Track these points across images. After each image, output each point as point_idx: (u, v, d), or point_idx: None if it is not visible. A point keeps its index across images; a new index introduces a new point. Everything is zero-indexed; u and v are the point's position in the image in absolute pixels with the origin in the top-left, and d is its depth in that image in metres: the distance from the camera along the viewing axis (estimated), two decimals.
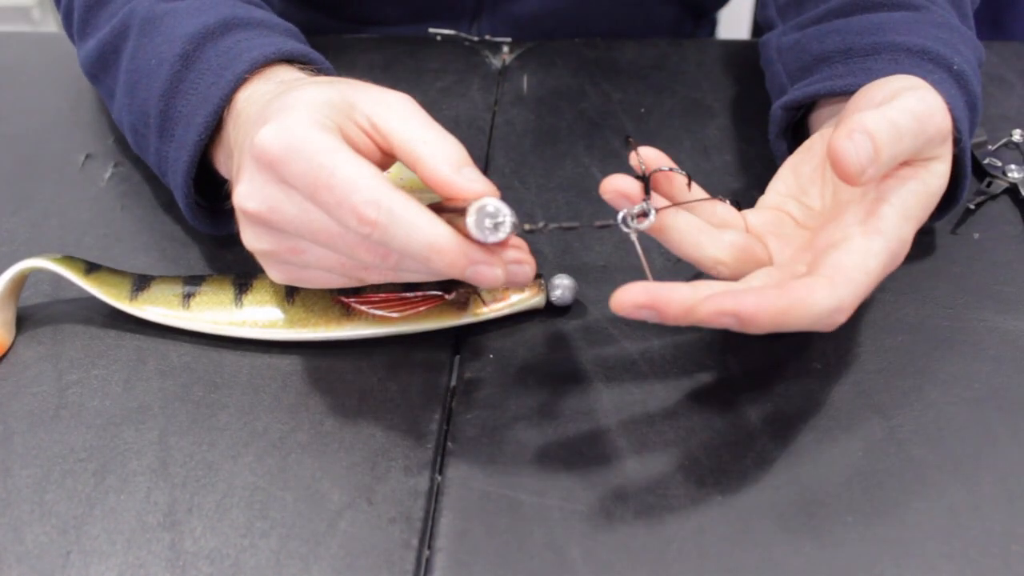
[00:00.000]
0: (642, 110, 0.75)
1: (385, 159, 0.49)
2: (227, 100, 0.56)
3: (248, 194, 0.47)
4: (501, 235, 0.45)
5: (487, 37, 0.84)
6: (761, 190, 0.58)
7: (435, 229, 0.44)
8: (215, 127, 0.56)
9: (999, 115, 0.75)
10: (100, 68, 0.67)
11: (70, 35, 0.74)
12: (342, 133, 0.47)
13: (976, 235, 0.64)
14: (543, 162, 0.70)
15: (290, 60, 0.58)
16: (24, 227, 0.66)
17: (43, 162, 0.72)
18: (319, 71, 0.59)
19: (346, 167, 0.44)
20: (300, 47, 0.59)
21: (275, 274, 0.51)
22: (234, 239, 0.63)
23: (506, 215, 0.45)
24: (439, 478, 0.50)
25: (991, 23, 1.01)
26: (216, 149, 0.58)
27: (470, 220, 0.45)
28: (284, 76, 0.56)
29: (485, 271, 0.46)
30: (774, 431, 0.52)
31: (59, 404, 0.54)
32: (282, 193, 0.46)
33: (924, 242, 0.63)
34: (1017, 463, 0.50)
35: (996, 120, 0.74)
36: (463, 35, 0.84)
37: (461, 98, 0.77)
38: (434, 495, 0.49)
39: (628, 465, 0.50)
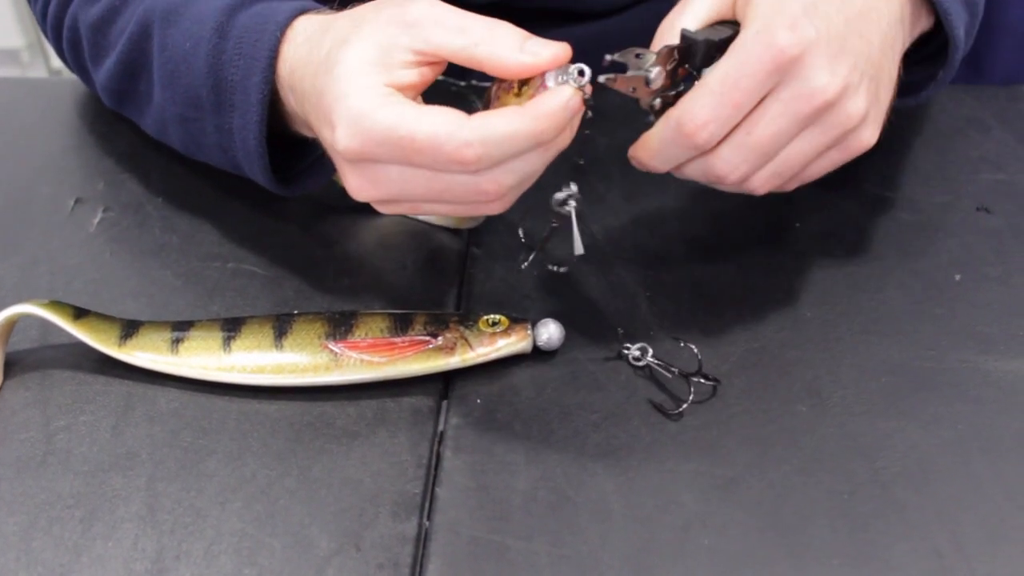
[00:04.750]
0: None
1: (437, 68, 0.52)
2: (275, 51, 0.57)
3: (359, 188, 0.52)
4: (581, 82, 0.49)
5: (474, 82, 0.85)
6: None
7: (526, 121, 0.48)
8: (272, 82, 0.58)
9: (978, 157, 0.76)
10: (128, 78, 0.68)
11: (80, 67, 0.74)
12: (394, 85, 0.50)
13: (957, 277, 0.64)
14: (529, 207, 0.70)
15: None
16: (13, 272, 0.66)
17: (32, 207, 0.72)
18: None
19: (419, 127, 0.47)
20: (325, 8, 0.60)
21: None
22: (220, 286, 0.64)
23: (571, 69, 0.49)
24: (427, 523, 0.50)
25: (970, 66, 1.02)
26: (279, 100, 0.59)
27: (551, 83, 0.49)
28: (316, 22, 0.57)
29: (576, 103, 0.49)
30: (759, 474, 0.52)
31: (46, 450, 0.54)
32: (384, 172, 0.50)
33: (906, 284, 0.64)
34: (1000, 504, 0.50)
35: (975, 162, 0.75)
36: (451, 80, 0.85)
37: None
38: (422, 541, 0.49)
39: (615, 509, 0.50)
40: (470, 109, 0.51)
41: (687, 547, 0.49)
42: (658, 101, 0.54)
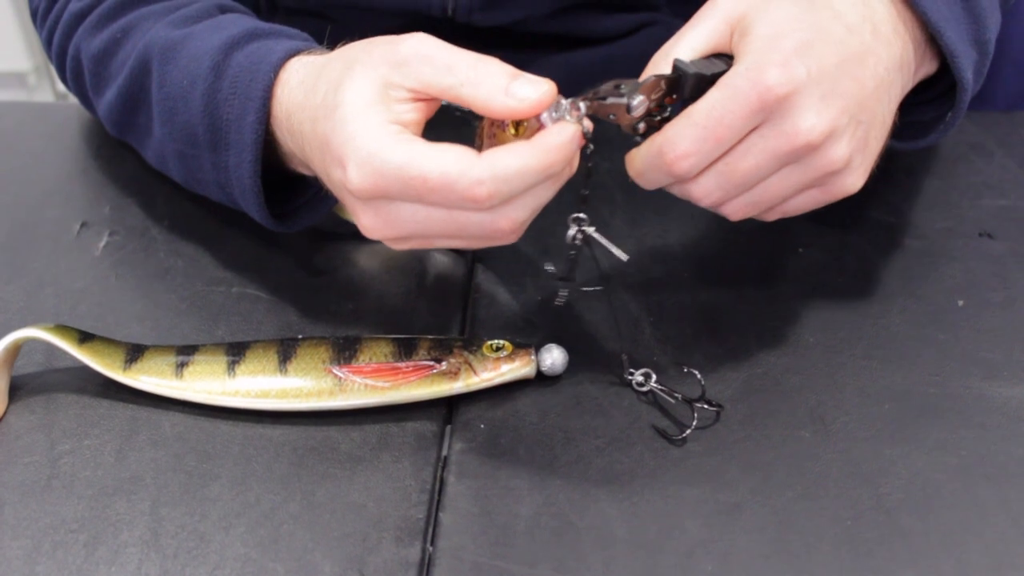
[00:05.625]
0: (631, 179, 0.76)
1: (434, 104, 0.52)
2: (269, 91, 0.57)
3: (372, 227, 0.52)
4: (573, 116, 0.49)
5: None
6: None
7: (536, 155, 0.48)
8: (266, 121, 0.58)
9: (980, 183, 0.76)
10: (128, 111, 0.68)
11: (82, 96, 0.75)
12: (398, 122, 0.50)
13: (960, 302, 0.64)
14: (532, 233, 0.70)
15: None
16: (18, 296, 0.66)
17: (38, 231, 0.72)
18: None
19: (431, 166, 0.47)
20: (321, 47, 0.60)
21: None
22: (224, 310, 0.64)
23: (563, 104, 0.49)
24: (431, 549, 0.50)
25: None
26: (275, 140, 0.59)
27: (545, 119, 0.49)
28: (309, 65, 0.57)
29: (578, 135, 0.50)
30: (763, 500, 0.52)
31: (51, 474, 0.54)
32: (398, 210, 0.50)
33: (909, 310, 0.64)
34: (1004, 530, 0.50)
35: (978, 187, 0.76)
36: (454, 105, 0.85)
37: None
38: (426, 566, 0.49)
39: (618, 535, 0.50)
40: (473, 135, 0.52)
41: (691, 573, 0.49)
42: (642, 125, 0.54)
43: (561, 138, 0.48)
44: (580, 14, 0.90)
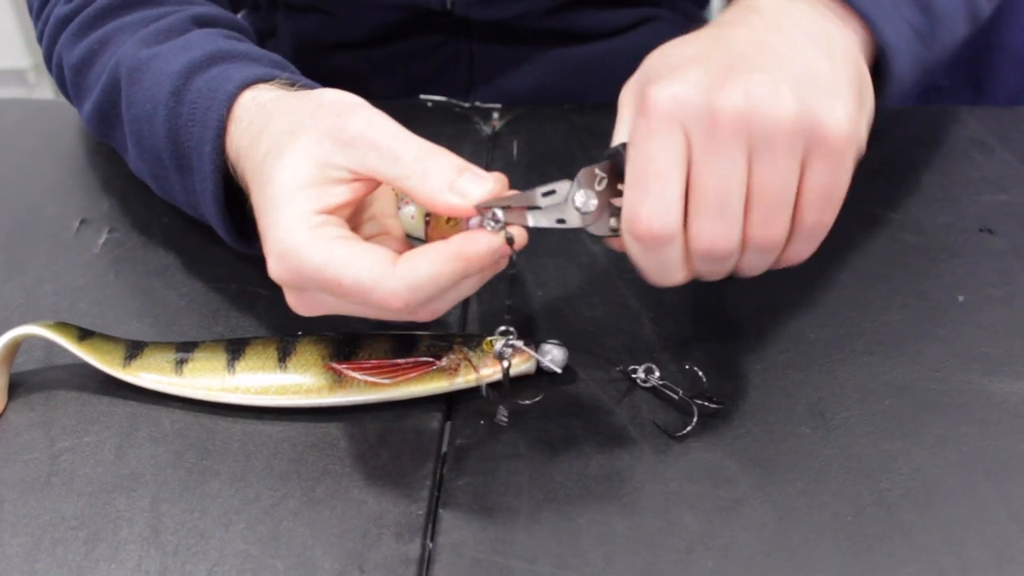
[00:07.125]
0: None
1: (373, 184, 0.50)
2: (224, 122, 0.57)
3: (296, 306, 0.52)
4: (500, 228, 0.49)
5: (477, 103, 0.85)
6: None
7: (450, 263, 0.47)
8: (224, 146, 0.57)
9: (981, 178, 0.76)
10: (106, 126, 0.68)
11: (67, 99, 0.75)
12: (327, 209, 0.48)
13: (961, 298, 0.64)
14: (534, 233, 0.70)
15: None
16: (18, 293, 0.66)
17: (37, 228, 0.72)
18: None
19: (346, 273, 0.47)
20: (283, 73, 0.59)
21: None
22: (224, 307, 0.64)
23: (497, 216, 0.49)
24: (431, 545, 0.50)
25: (973, 87, 1.03)
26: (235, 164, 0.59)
27: (473, 224, 0.49)
28: (258, 106, 0.56)
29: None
30: (763, 496, 0.52)
31: (51, 471, 0.54)
32: (319, 298, 0.50)
33: (909, 305, 0.64)
34: (1005, 526, 0.50)
35: (978, 183, 0.75)
36: (454, 101, 0.85)
37: None
38: (426, 562, 0.49)
39: (618, 531, 0.50)
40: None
41: (691, 570, 0.49)
42: (614, 220, 0.51)
43: (477, 247, 0.48)
44: (579, 9, 0.90)
